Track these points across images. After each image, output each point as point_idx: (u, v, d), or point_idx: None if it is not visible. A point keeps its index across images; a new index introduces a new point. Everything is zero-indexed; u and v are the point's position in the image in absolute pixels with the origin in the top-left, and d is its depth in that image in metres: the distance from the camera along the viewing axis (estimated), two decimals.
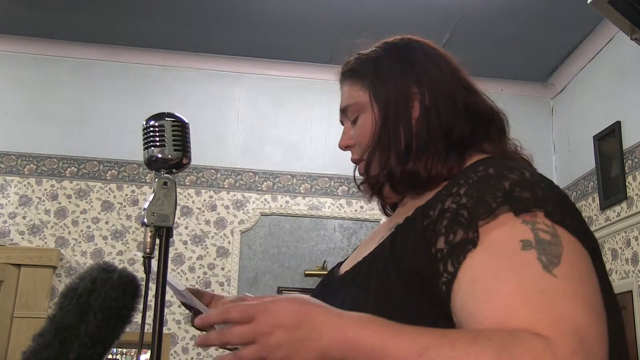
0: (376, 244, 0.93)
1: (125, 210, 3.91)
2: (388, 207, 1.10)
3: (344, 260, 1.10)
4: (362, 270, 0.92)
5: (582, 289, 0.71)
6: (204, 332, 0.84)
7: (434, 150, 0.92)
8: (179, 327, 3.75)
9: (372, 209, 4.07)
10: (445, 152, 0.92)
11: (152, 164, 1.00)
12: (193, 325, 1.11)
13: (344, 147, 1.06)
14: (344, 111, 1.06)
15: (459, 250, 0.76)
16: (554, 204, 0.78)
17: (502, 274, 0.72)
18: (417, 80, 0.98)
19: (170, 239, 0.98)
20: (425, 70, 0.99)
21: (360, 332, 0.71)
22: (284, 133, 4.18)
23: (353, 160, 1.05)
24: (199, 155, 3.72)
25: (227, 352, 0.79)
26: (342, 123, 1.08)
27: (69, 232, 3.83)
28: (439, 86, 0.97)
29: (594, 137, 3.74)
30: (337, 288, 0.97)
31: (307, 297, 0.78)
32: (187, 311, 3.96)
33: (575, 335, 0.66)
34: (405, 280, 0.82)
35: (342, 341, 0.71)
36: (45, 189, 3.88)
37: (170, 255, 3.48)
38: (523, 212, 0.76)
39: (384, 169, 0.96)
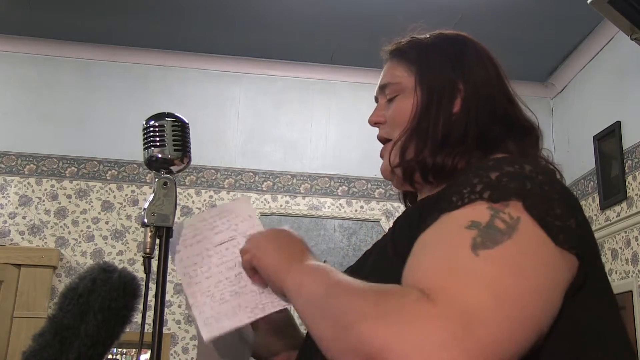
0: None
1: (125, 210, 3.91)
2: (409, 200, 1.09)
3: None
4: (369, 258, 1.00)
5: (501, 278, 0.67)
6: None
7: (465, 147, 0.93)
8: (179, 327, 3.75)
9: (371, 209, 4.07)
10: (473, 150, 0.93)
11: (152, 164, 1.00)
12: None
13: (373, 122, 1.06)
14: (382, 88, 1.06)
15: (424, 229, 0.79)
16: (541, 198, 0.74)
17: (434, 247, 0.74)
18: (465, 77, 0.98)
19: (170, 239, 0.98)
20: (474, 70, 0.99)
21: (301, 265, 0.89)
22: (284, 133, 4.18)
23: (379, 138, 1.05)
24: (199, 155, 3.73)
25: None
26: (377, 100, 1.08)
27: (69, 232, 3.83)
28: (483, 89, 0.98)
29: (594, 137, 3.74)
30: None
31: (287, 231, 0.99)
32: (187, 311, 3.95)
33: (461, 317, 0.63)
34: (400, 266, 0.81)
35: (283, 273, 0.90)
36: (45, 189, 3.88)
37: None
38: (500, 201, 0.74)
39: (418, 155, 0.96)
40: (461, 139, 0.94)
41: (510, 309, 0.66)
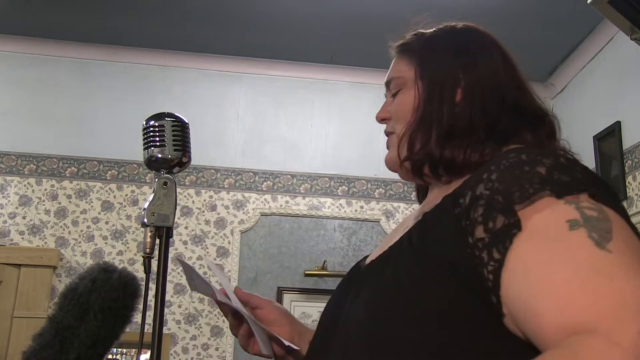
0: (402, 233, 0.91)
1: (125, 210, 3.91)
2: (422, 196, 1.08)
3: (369, 255, 1.09)
4: (389, 261, 0.90)
5: (639, 260, 0.68)
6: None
7: (475, 138, 0.91)
8: (179, 327, 3.74)
9: (371, 209, 4.07)
10: (485, 142, 0.91)
11: (152, 164, 1.00)
12: (233, 334, 1.12)
13: (380, 119, 1.05)
14: (387, 84, 1.06)
15: (503, 236, 0.73)
16: (596, 186, 0.75)
17: (556, 259, 0.69)
18: (466, 67, 0.97)
19: (170, 239, 0.98)
20: (477, 60, 0.99)
21: None
22: (284, 133, 4.18)
23: (386, 133, 1.05)
24: (199, 155, 3.73)
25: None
26: (385, 97, 1.08)
27: (69, 232, 3.83)
28: (488, 79, 0.97)
29: (594, 137, 3.74)
30: (361, 279, 0.96)
31: None
32: (187, 311, 3.96)
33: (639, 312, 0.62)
34: (440, 271, 0.79)
35: None
36: (45, 189, 3.88)
37: (170, 255, 3.48)
38: (566, 194, 0.73)
39: (425, 147, 0.95)
40: (468, 129, 0.92)
41: None
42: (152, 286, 0.94)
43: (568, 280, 0.67)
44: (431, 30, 1.07)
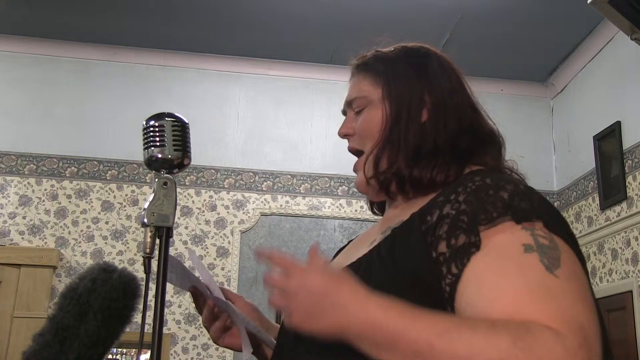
0: (369, 246, 0.94)
1: (125, 210, 3.91)
2: (375, 207, 1.11)
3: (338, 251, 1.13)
4: (358, 271, 0.90)
5: (580, 289, 0.76)
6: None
7: (441, 159, 0.95)
8: (179, 327, 3.75)
9: None
10: (449, 162, 0.95)
11: (152, 164, 1.00)
12: (205, 326, 1.14)
13: (343, 135, 1.07)
14: (349, 103, 1.08)
15: (462, 253, 0.79)
16: (549, 215, 0.83)
17: (508, 273, 0.76)
18: (430, 89, 1.00)
19: (170, 239, 0.97)
20: (439, 82, 1.01)
21: (384, 313, 0.75)
22: (284, 133, 4.18)
23: (350, 149, 1.07)
24: (199, 155, 3.74)
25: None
26: (344, 113, 1.09)
27: (69, 232, 3.83)
28: (449, 99, 1.00)
29: (594, 137, 3.74)
30: None
31: (345, 274, 0.82)
32: (187, 311, 3.95)
33: (580, 331, 0.70)
34: (406, 282, 0.84)
35: (363, 320, 0.75)
36: (45, 189, 3.88)
37: (170, 255, 3.48)
38: (524, 221, 0.80)
39: (392, 166, 0.97)
40: (433, 149, 0.96)
41: (597, 317, 0.75)
42: (152, 286, 0.94)
43: (518, 291, 0.74)
44: (391, 49, 1.08)
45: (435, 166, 0.95)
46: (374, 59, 1.07)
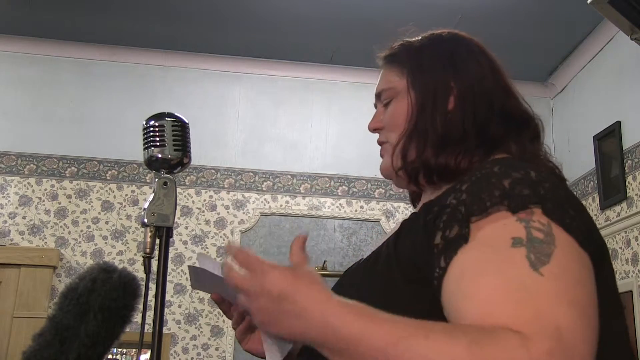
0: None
1: (125, 210, 3.91)
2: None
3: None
4: (367, 264, 0.93)
5: (569, 289, 0.70)
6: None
7: (467, 145, 0.93)
8: (179, 327, 3.74)
9: (371, 209, 4.07)
10: (475, 149, 0.93)
11: (152, 163, 1.00)
12: (233, 328, 1.09)
13: (372, 129, 1.07)
14: (378, 95, 1.07)
15: (452, 245, 0.77)
16: (556, 202, 0.78)
17: (489, 269, 0.73)
18: (456, 75, 0.99)
19: (170, 239, 0.98)
20: (466, 67, 1.00)
21: (340, 318, 0.72)
22: (284, 133, 4.18)
23: (379, 143, 1.06)
24: (199, 155, 3.73)
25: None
26: (376, 107, 1.09)
27: (69, 232, 3.83)
28: (477, 85, 0.98)
29: (594, 137, 3.74)
30: (344, 283, 0.99)
31: (308, 272, 0.79)
32: (187, 311, 3.95)
33: (554, 334, 0.65)
34: (406, 274, 0.83)
35: (321, 324, 0.72)
36: (45, 189, 3.88)
37: (170, 255, 3.48)
38: (520, 210, 0.76)
39: (420, 156, 0.96)
40: (461, 136, 0.94)
41: (587, 318, 0.69)
42: (152, 286, 0.94)
43: (494, 289, 0.70)
44: (417, 39, 1.07)
45: (460, 153, 0.92)
46: (400, 48, 1.06)
